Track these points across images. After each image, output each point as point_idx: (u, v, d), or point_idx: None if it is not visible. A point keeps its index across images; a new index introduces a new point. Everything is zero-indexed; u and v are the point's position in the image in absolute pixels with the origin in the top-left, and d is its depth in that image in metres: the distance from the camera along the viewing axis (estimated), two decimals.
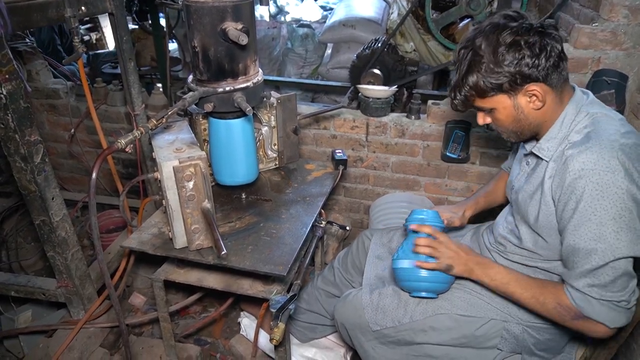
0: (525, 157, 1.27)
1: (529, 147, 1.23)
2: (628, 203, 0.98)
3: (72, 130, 2.56)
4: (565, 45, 1.84)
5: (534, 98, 1.10)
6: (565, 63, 1.10)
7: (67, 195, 2.59)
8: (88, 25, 4.84)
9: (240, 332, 1.89)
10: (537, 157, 1.20)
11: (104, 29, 4.92)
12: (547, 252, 1.20)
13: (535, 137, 1.21)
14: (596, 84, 1.78)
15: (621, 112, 1.78)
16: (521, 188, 1.24)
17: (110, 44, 4.85)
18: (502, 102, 1.12)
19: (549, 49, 1.05)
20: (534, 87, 1.08)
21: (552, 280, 1.20)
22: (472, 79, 1.09)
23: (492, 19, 1.10)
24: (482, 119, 1.21)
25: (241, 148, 1.49)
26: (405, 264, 1.28)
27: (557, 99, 1.12)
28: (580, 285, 1.05)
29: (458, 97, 1.15)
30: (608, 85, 1.76)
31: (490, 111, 1.16)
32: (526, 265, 1.26)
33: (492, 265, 1.22)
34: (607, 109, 1.15)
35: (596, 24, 1.77)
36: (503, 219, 1.37)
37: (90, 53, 3.73)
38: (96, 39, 4.89)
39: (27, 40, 2.61)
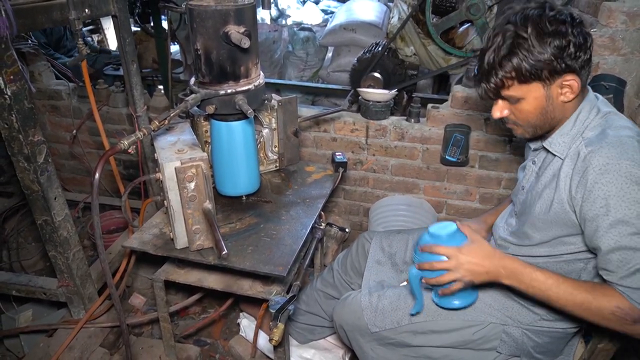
0: (532, 157, 1.27)
1: (535, 145, 1.23)
2: None
3: (74, 132, 2.58)
4: None
5: (566, 90, 1.07)
6: (592, 61, 1.09)
7: (68, 196, 2.59)
8: (90, 27, 4.87)
9: (240, 333, 1.90)
10: (547, 152, 1.18)
11: (105, 31, 4.95)
12: (552, 249, 1.19)
13: (545, 135, 1.20)
14: (594, 89, 1.77)
15: None
16: (533, 187, 1.23)
17: (112, 46, 4.87)
18: (535, 91, 1.08)
19: (589, 42, 1.05)
20: (572, 78, 1.05)
21: (598, 283, 1.10)
22: (515, 60, 1.04)
23: (530, 5, 1.06)
24: (500, 112, 1.15)
25: (242, 150, 1.51)
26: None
27: (580, 94, 1.12)
28: (635, 283, 0.98)
29: (492, 81, 1.08)
30: (606, 90, 1.78)
31: (517, 101, 1.10)
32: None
33: (526, 270, 1.10)
34: (616, 110, 1.16)
35: (595, 30, 1.79)
36: (503, 222, 1.38)
37: (94, 54, 3.75)
38: (98, 41, 4.91)
39: (30, 42, 2.63)
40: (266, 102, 1.62)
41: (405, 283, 1.48)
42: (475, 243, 1.17)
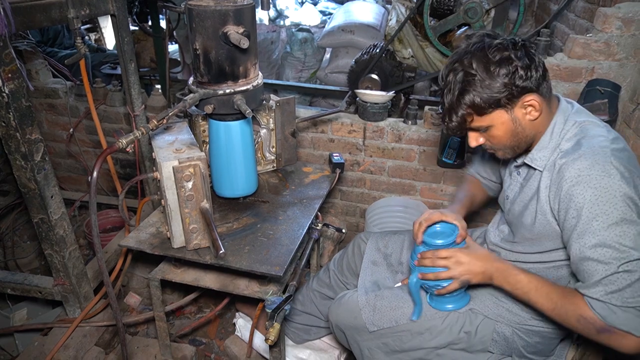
0: (516, 168, 1.29)
1: (519, 159, 1.25)
2: (629, 204, 0.98)
3: (71, 130, 2.57)
4: (560, 55, 1.88)
5: (530, 109, 1.10)
6: (548, 74, 1.13)
7: (64, 194, 2.58)
8: (87, 26, 4.85)
9: (235, 333, 1.90)
10: (529, 167, 1.21)
11: (103, 30, 4.93)
12: (543, 255, 1.23)
13: (526, 150, 1.22)
14: (590, 94, 1.81)
15: (614, 121, 1.81)
16: (516, 198, 1.26)
17: (109, 45, 4.86)
18: (499, 118, 1.11)
19: (536, 60, 1.08)
20: (531, 98, 1.08)
21: (573, 289, 1.11)
22: (468, 97, 1.08)
23: (472, 41, 1.10)
24: (476, 140, 1.19)
25: (240, 150, 1.51)
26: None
27: (548, 108, 1.15)
28: (597, 294, 1.00)
29: (454, 120, 1.13)
30: (601, 95, 1.79)
31: (486, 130, 1.14)
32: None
33: (513, 272, 1.16)
34: (592, 117, 1.17)
35: (590, 35, 1.81)
36: (495, 228, 1.40)
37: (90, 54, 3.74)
38: (95, 40, 4.90)
39: (26, 41, 2.62)
40: (264, 102, 1.62)
41: (400, 284, 1.48)
42: (473, 246, 1.26)
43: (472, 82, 1.07)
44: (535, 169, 1.19)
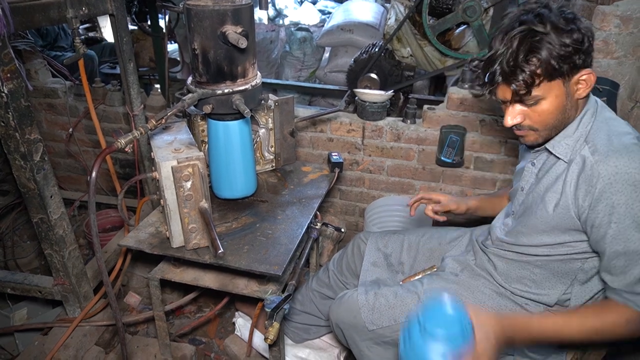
0: (531, 158, 1.27)
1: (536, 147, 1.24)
2: None
3: (70, 130, 2.57)
4: None
5: (581, 86, 1.06)
6: None
7: (64, 194, 2.59)
8: (86, 25, 4.85)
9: (235, 332, 1.91)
10: (549, 154, 1.18)
11: (102, 29, 4.93)
12: (552, 249, 1.21)
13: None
14: None
15: None
16: (532, 189, 1.24)
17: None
18: (556, 89, 1.05)
19: (593, 37, 1.05)
20: (587, 72, 1.05)
21: (601, 302, 1.14)
22: (543, 54, 1.00)
23: (530, 6, 1.06)
24: (514, 117, 1.12)
25: (239, 150, 1.51)
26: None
27: (585, 96, 1.12)
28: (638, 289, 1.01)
29: (521, 79, 1.03)
30: (600, 93, 1.79)
31: (537, 103, 1.07)
32: (522, 262, 1.27)
33: (529, 323, 1.10)
34: (614, 113, 1.16)
35: None
36: (500, 222, 1.39)
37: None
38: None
39: (25, 41, 2.62)
40: (263, 102, 1.62)
41: (402, 283, 1.49)
42: (480, 327, 1.01)
43: (545, 41, 1.00)
44: (556, 157, 1.16)
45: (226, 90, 1.35)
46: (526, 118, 1.12)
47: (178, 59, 3.59)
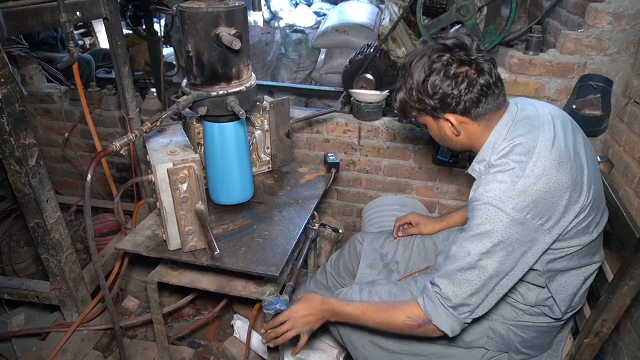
0: None
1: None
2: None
3: (67, 135, 2.57)
4: (552, 51, 1.89)
5: (449, 126, 1.17)
6: (492, 97, 1.11)
7: (60, 199, 2.59)
8: (82, 30, 4.85)
9: (234, 335, 1.90)
10: None
11: (97, 34, 4.93)
12: None
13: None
14: (582, 89, 1.82)
15: (607, 116, 1.82)
16: None
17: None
18: (428, 122, 1.21)
19: (473, 84, 1.08)
20: (450, 117, 1.14)
21: (399, 302, 1.29)
22: (400, 96, 1.18)
23: (438, 42, 1.12)
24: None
25: (235, 151, 1.51)
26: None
27: (481, 127, 1.15)
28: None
29: (396, 108, 1.23)
30: (594, 90, 1.80)
31: (424, 126, 1.25)
32: None
33: (342, 306, 1.29)
34: (533, 135, 1.10)
35: (582, 30, 1.82)
36: None
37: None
38: (90, 44, 4.89)
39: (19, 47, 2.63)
40: (258, 103, 1.63)
41: (399, 280, 1.49)
42: (302, 300, 1.34)
43: (408, 85, 1.15)
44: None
45: (221, 92, 1.36)
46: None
47: (174, 63, 3.59)
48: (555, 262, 1.14)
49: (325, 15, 5.12)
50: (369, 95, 2.22)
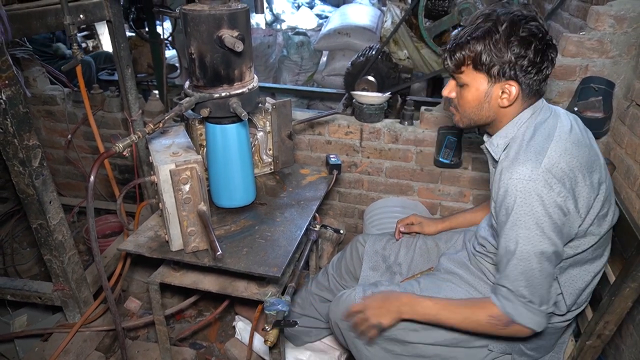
0: (491, 163, 1.32)
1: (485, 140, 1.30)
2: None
3: (69, 136, 2.58)
4: None
5: (505, 95, 1.13)
6: (546, 84, 1.16)
7: (63, 200, 2.60)
8: (85, 33, 4.87)
9: (235, 336, 1.90)
10: (493, 159, 1.25)
11: (100, 36, 4.96)
12: None
13: (488, 132, 1.27)
14: (584, 91, 1.83)
15: (608, 118, 1.82)
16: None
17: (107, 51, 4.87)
18: (479, 82, 1.14)
19: (545, 64, 1.10)
20: (512, 85, 1.12)
21: (479, 297, 1.28)
22: (478, 46, 1.10)
23: (518, 9, 1.11)
24: (449, 91, 1.23)
25: (237, 153, 1.52)
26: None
27: (521, 106, 1.17)
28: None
29: (456, 56, 1.14)
30: (595, 93, 1.80)
31: (462, 86, 1.18)
32: None
33: (419, 301, 1.26)
34: (553, 121, 1.16)
35: (583, 33, 1.82)
36: (485, 223, 1.40)
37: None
38: (93, 46, 4.92)
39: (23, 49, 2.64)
40: (260, 105, 1.63)
41: (401, 282, 1.49)
42: (376, 293, 1.34)
43: (491, 37, 1.08)
44: (492, 157, 1.23)
45: (223, 94, 1.36)
46: (457, 97, 1.22)
47: (176, 64, 3.60)
48: (572, 250, 1.16)
49: (327, 17, 5.14)
50: (370, 97, 2.22)
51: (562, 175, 1.06)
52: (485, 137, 1.30)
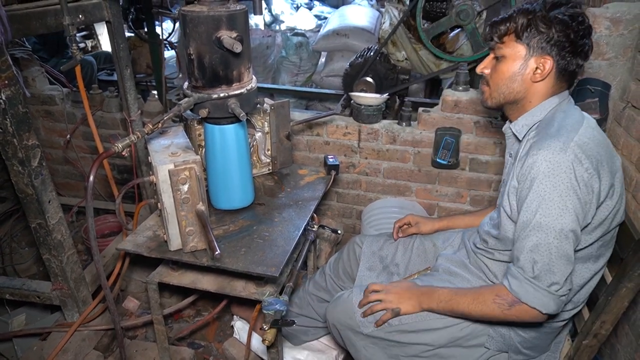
0: (508, 150, 1.34)
1: (505, 128, 1.34)
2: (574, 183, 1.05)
3: (68, 137, 2.59)
4: None
5: (539, 70, 1.16)
6: (578, 76, 1.21)
7: (61, 200, 2.60)
8: (84, 33, 4.87)
9: (234, 335, 1.91)
10: (516, 139, 1.28)
11: (99, 36, 4.96)
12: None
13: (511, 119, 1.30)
14: (580, 93, 1.84)
15: (604, 120, 1.84)
16: (506, 179, 1.31)
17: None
18: (517, 53, 1.18)
19: (581, 49, 1.15)
20: (547, 61, 1.15)
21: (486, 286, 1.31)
22: (524, 19, 1.15)
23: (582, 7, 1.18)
24: (484, 67, 1.27)
25: (235, 153, 1.53)
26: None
27: (551, 88, 1.20)
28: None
29: (501, 27, 1.19)
30: (592, 94, 1.81)
31: (499, 60, 1.21)
32: (508, 262, 1.28)
33: (435, 289, 1.29)
34: (579, 112, 1.22)
35: None
36: (488, 218, 1.41)
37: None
38: (92, 46, 4.92)
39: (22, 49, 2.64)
40: (259, 105, 1.64)
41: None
42: (398, 281, 1.42)
43: (536, 12, 1.14)
44: (517, 138, 1.26)
45: (222, 95, 1.37)
46: (491, 72, 1.26)
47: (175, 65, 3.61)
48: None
49: (325, 18, 5.15)
50: (368, 98, 2.23)
51: (591, 153, 1.08)
52: (507, 123, 1.33)
